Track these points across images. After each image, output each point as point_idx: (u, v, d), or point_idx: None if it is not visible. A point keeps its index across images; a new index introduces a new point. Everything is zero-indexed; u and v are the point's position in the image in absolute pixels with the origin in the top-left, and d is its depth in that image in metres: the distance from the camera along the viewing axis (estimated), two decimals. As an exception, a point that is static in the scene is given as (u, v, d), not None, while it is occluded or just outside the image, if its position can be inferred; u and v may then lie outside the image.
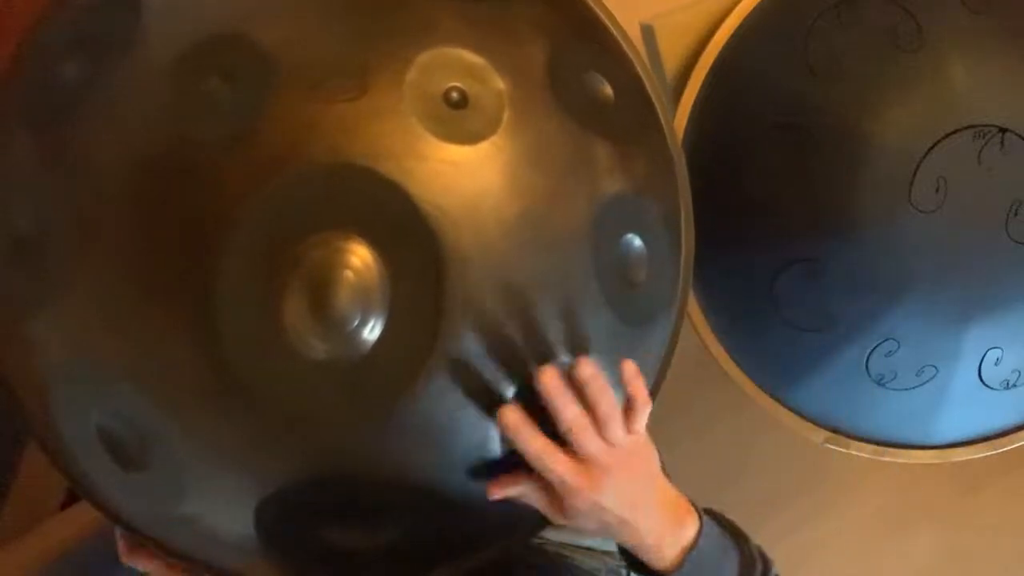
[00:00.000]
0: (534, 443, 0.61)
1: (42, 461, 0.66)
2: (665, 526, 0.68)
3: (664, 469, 0.71)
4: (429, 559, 0.66)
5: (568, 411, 0.61)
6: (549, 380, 0.61)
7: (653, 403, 0.66)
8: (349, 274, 0.57)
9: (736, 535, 0.74)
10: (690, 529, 0.69)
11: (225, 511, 0.63)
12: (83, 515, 0.93)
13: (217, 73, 0.58)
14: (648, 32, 0.96)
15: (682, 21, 0.95)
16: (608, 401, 0.63)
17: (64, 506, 1.04)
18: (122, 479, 0.63)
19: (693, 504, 0.71)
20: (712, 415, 1.36)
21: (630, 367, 0.64)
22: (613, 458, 0.64)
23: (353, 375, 0.58)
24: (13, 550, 0.95)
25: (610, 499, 0.64)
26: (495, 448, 0.62)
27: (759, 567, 0.74)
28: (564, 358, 0.62)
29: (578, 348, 0.62)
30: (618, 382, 0.64)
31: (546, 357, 0.61)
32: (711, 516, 0.72)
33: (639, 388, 0.64)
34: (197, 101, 0.58)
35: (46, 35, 0.65)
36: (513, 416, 0.61)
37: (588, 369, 0.62)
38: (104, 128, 0.60)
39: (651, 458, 0.68)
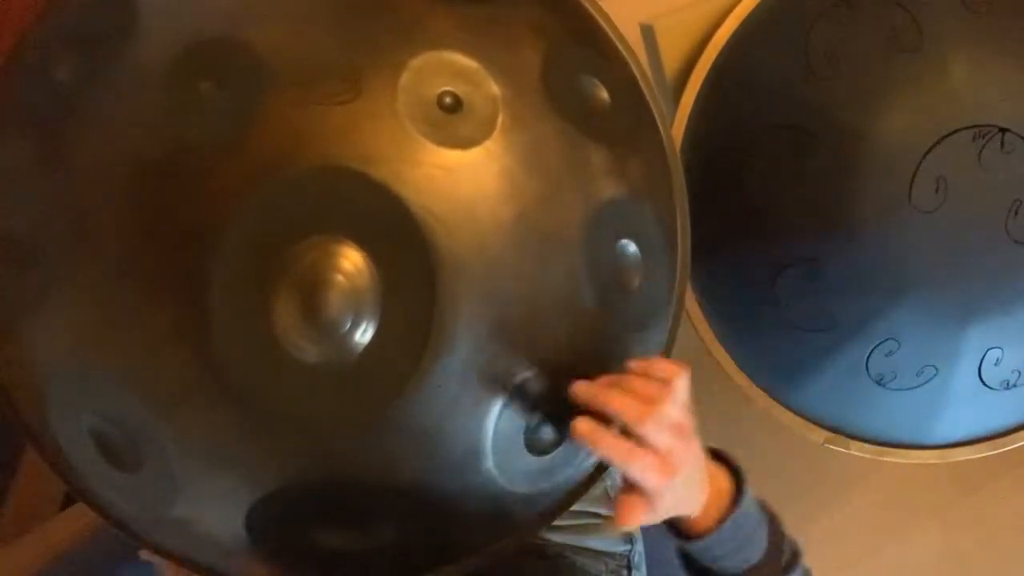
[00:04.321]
0: (616, 448, 0.57)
1: (41, 462, 0.66)
2: (707, 484, 0.65)
3: None
4: (424, 560, 0.66)
5: (615, 401, 0.58)
6: (580, 386, 0.59)
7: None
8: (340, 278, 0.57)
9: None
10: (723, 481, 0.67)
11: (217, 513, 0.63)
12: (82, 516, 0.93)
13: (210, 76, 0.58)
14: (648, 32, 0.96)
15: (682, 21, 0.95)
16: (652, 383, 0.59)
17: (64, 507, 1.04)
18: (116, 480, 0.63)
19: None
20: (712, 415, 1.36)
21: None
22: (683, 439, 0.59)
23: (345, 378, 0.58)
24: (13, 550, 0.96)
25: (687, 479, 0.61)
26: (487, 450, 0.62)
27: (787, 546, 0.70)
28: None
29: (572, 352, 0.62)
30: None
31: (538, 362, 0.61)
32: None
33: (657, 366, 0.61)
34: (190, 104, 0.58)
35: (42, 36, 0.64)
36: (585, 426, 0.58)
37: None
38: (98, 130, 0.60)
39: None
